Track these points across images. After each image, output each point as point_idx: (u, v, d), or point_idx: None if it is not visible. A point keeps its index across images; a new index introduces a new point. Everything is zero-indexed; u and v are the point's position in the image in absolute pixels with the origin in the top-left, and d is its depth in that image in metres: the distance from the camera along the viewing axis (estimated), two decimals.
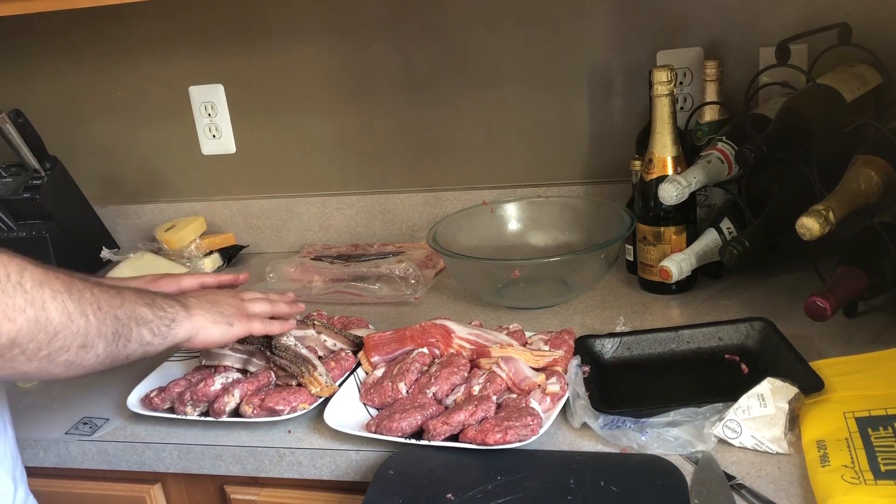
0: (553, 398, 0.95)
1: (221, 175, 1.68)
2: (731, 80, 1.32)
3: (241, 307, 1.02)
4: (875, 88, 1.22)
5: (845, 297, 1.01)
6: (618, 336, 1.09)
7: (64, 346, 0.75)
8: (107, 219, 1.70)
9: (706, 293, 1.25)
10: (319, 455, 0.98)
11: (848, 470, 0.78)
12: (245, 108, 1.62)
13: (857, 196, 1.03)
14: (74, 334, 0.76)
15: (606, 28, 1.41)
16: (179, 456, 1.04)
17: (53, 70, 1.68)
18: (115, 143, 1.71)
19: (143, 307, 0.86)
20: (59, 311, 0.74)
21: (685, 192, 1.15)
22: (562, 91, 1.46)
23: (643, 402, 0.96)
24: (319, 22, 1.53)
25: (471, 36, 1.47)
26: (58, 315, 0.74)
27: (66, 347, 0.75)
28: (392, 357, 1.08)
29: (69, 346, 0.75)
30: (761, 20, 1.33)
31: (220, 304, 0.99)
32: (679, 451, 0.87)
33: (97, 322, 0.78)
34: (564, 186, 1.50)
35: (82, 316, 0.77)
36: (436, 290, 1.39)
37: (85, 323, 0.77)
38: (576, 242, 1.37)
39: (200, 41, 1.59)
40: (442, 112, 1.53)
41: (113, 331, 0.81)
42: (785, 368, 0.94)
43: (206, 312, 0.96)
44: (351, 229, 1.63)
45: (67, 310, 0.75)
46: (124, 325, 0.82)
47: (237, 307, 1.01)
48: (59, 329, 0.74)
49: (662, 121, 1.19)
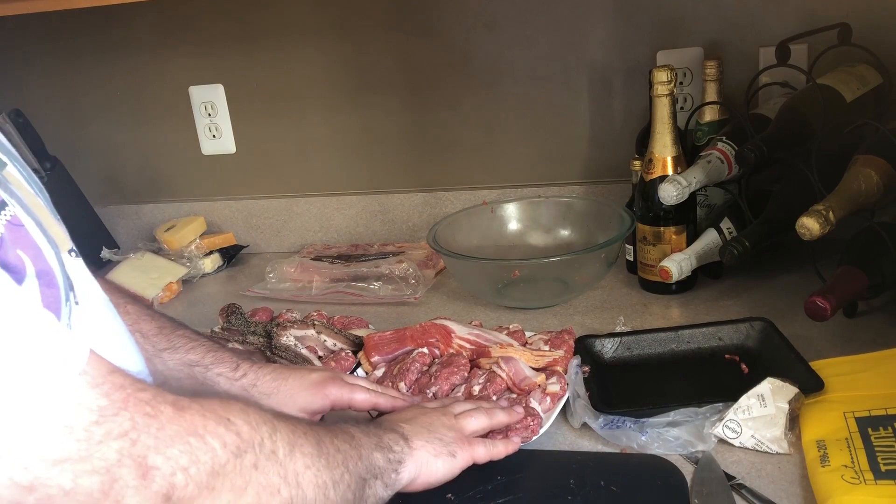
0: (553, 398, 0.95)
1: (221, 175, 1.68)
2: (731, 80, 1.32)
3: (458, 427, 0.84)
4: (875, 88, 1.22)
5: (845, 297, 1.01)
6: (618, 336, 1.09)
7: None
8: (107, 219, 1.70)
9: (706, 293, 1.25)
10: None
11: (848, 470, 0.78)
12: (245, 108, 1.62)
13: (857, 196, 1.03)
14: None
15: (606, 28, 1.41)
16: None
17: (53, 70, 1.68)
18: (115, 143, 1.71)
19: (376, 452, 0.72)
20: (314, 486, 0.61)
21: (685, 192, 1.15)
22: (562, 91, 1.46)
23: (643, 402, 0.96)
24: (319, 22, 1.53)
25: (471, 36, 1.47)
26: (312, 491, 0.61)
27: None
28: (392, 357, 1.08)
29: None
30: (761, 20, 1.33)
31: (435, 427, 0.82)
32: (679, 451, 0.87)
33: (344, 488, 0.64)
34: (564, 186, 1.50)
35: (334, 486, 0.63)
36: (436, 290, 1.39)
37: (335, 495, 0.63)
38: (576, 242, 1.37)
39: (200, 41, 1.59)
40: (442, 112, 1.53)
41: (354, 494, 0.66)
42: (785, 368, 0.94)
43: (427, 443, 0.79)
44: (351, 229, 1.63)
45: (321, 481, 0.62)
46: (362, 482, 0.68)
47: (454, 428, 0.83)
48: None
49: (662, 121, 1.19)
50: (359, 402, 0.90)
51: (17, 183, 0.62)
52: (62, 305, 0.58)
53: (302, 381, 0.89)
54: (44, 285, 0.55)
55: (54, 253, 0.59)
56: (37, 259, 0.55)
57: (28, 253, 0.55)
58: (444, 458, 0.79)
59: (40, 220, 0.59)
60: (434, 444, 0.79)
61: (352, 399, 0.90)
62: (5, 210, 0.54)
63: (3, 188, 0.56)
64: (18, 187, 0.61)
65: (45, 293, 0.55)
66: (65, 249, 0.63)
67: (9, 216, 0.54)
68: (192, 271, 1.56)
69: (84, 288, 0.65)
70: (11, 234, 0.54)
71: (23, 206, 0.58)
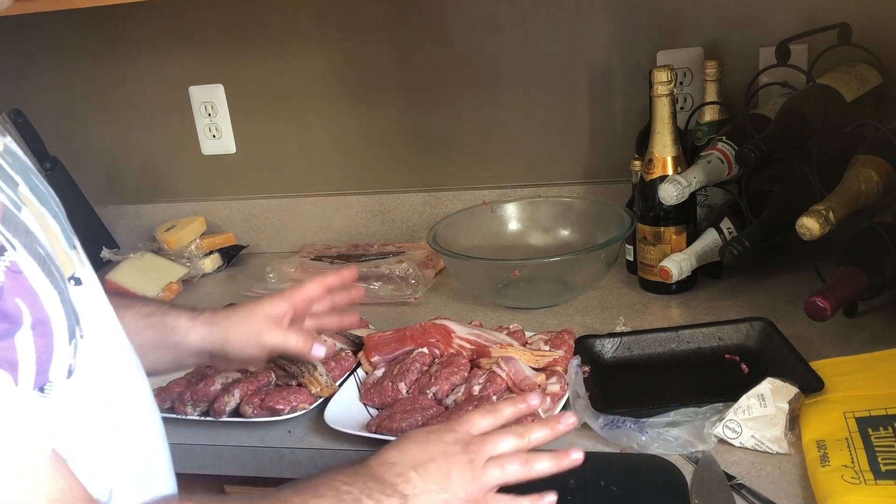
0: (553, 398, 0.95)
1: (221, 175, 1.68)
2: (731, 80, 1.32)
3: (481, 482, 0.72)
4: (875, 88, 1.22)
5: (845, 297, 1.01)
6: (618, 336, 1.09)
7: None
8: (107, 219, 1.70)
9: (706, 293, 1.25)
10: (319, 455, 0.98)
11: (848, 470, 0.78)
12: (245, 108, 1.62)
13: (857, 196, 1.03)
14: None
15: (606, 28, 1.41)
16: (179, 456, 1.02)
17: (53, 70, 1.68)
18: (115, 143, 1.71)
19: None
20: None
21: (685, 192, 1.15)
22: (562, 91, 1.46)
23: (643, 402, 0.96)
24: (319, 22, 1.53)
25: (471, 36, 1.47)
26: None
27: None
28: (392, 357, 1.08)
29: None
30: (761, 20, 1.33)
31: (450, 482, 0.70)
32: (679, 451, 0.87)
33: None
34: (564, 186, 1.50)
35: None
36: (436, 290, 1.39)
37: None
38: (576, 242, 1.37)
39: (200, 41, 1.59)
40: (442, 112, 1.53)
41: None
42: (785, 368, 0.94)
43: None
44: (351, 229, 1.63)
45: None
46: None
47: (475, 482, 0.71)
48: None
49: (662, 121, 1.19)
50: (310, 290, 0.99)
51: (29, 202, 0.62)
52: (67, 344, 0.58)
53: (254, 298, 1.00)
54: (37, 335, 0.56)
55: (57, 294, 0.59)
56: (34, 306, 0.56)
57: (26, 300, 0.55)
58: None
59: (47, 255, 0.59)
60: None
61: (304, 292, 0.98)
62: (4, 255, 0.54)
63: (7, 226, 0.56)
64: (29, 205, 0.61)
65: (38, 345, 0.56)
66: (67, 275, 0.63)
67: (8, 262, 0.54)
68: (192, 271, 1.56)
69: (89, 317, 0.65)
70: (10, 282, 0.54)
71: (26, 245, 0.57)
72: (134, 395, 0.71)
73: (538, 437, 0.77)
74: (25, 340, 0.54)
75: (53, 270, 0.59)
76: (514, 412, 0.80)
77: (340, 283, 1.02)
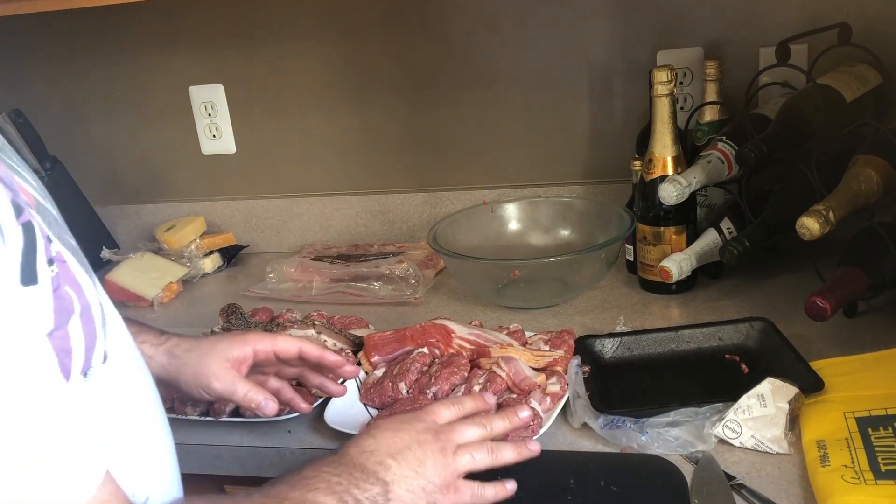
0: (553, 398, 0.95)
1: (221, 175, 1.68)
2: (731, 80, 1.32)
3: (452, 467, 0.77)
4: (875, 88, 1.22)
5: (845, 297, 1.01)
6: (618, 336, 1.09)
7: None
8: (107, 219, 1.70)
9: (706, 293, 1.25)
10: (320, 455, 0.98)
11: (848, 470, 0.78)
12: (245, 108, 1.62)
13: (857, 196, 1.03)
14: None
15: (606, 28, 1.41)
16: (179, 456, 1.03)
17: (53, 70, 1.68)
18: (115, 143, 1.71)
19: None
20: None
21: (685, 192, 1.15)
22: (562, 91, 1.46)
23: (643, 402, 0.96)
24: (319, 22, 1.53)
25: (471, 36, 1.47)
26: None
27: None
28: (392, 357, 1.08)
29: None
30: (761, 20, 1.33)
31: (425, 469, 0.75)
32: (679, 451, 0.87)
33: None
34: (564, 186, 1.50)
35: None
36: (436, 290, 1.39)
37: None
38: (576, 242, 1.37)
39: (200, 41, 1.59)
40: (442, 112, 1.53)
41: None
42: (785, 368, 0.94)
43: (408, 492, 0.74)
44: (351, 229, 1.63)
45: None
46: None
47: (447, 468, 0.77)
48: None
49: (662, 121, 1.19)
50: (282, 347, 0.92)
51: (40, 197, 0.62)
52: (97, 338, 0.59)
53: (222, 335, 0.92)
54: (84, 322, 0.57)
55: (92, 282, 0.60)
56: (80, 294, 0.57)
57: (73, 288, 0.56)
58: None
59: (76, 245, 0.60)
60: (416, 494, 0.74)
61: (275, 344, 0.92)
62: (51, 245, 0.55)
63: (42, 217, 0.57)
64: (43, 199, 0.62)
65: (86, 332, 0.57)
66: None
67: (54, 252, 0.55)
68: (192, 271, 1.56)
69: None
70: (61, 270, 0.55)
71: (58, 236, 0.58)
72: (136, 397, 0.71)
73: (499, 427, 0.83)
74: (76, 328, 0.55)
75: (84, 259, 0.60)
76: (474, 406, 0.85)
77: (330, 363, 0.96)
